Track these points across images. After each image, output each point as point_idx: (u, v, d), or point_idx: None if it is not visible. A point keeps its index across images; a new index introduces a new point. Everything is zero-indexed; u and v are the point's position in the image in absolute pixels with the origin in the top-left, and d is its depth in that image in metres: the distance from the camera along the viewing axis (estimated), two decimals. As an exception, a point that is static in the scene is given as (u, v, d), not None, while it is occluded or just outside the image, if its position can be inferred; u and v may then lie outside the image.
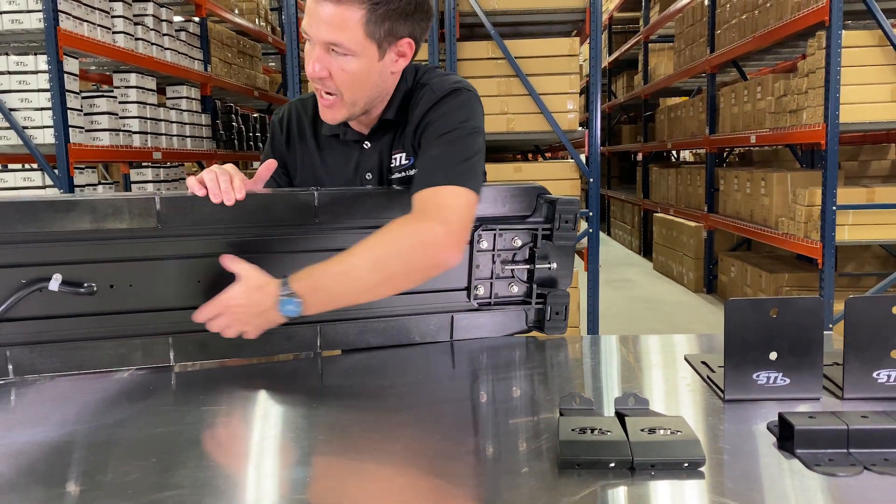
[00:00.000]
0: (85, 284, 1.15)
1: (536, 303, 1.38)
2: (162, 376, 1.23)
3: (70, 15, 4.45)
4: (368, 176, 1.39)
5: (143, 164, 5.70)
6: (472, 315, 1.38)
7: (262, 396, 1.16)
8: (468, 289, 1.36)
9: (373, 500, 0.80)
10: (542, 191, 1.36)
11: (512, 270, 1.37)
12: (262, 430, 1.02)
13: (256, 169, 1.32)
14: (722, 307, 5.99)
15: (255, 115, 7.89)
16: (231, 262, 1.15)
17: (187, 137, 6.04)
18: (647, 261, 8.37)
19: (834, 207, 4.19)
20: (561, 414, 0.96)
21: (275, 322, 1.15)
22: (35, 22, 4.42)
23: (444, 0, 4.33)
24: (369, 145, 1.40)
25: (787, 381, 1.01)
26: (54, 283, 1.13)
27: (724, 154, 6.77)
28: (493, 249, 1.34)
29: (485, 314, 1.38)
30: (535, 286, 1.37)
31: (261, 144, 7.90)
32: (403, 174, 1.36)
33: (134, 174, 5.55)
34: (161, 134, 5.59)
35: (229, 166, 1.20)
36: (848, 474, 0.79)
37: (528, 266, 1.36)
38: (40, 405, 1.11)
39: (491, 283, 1.37)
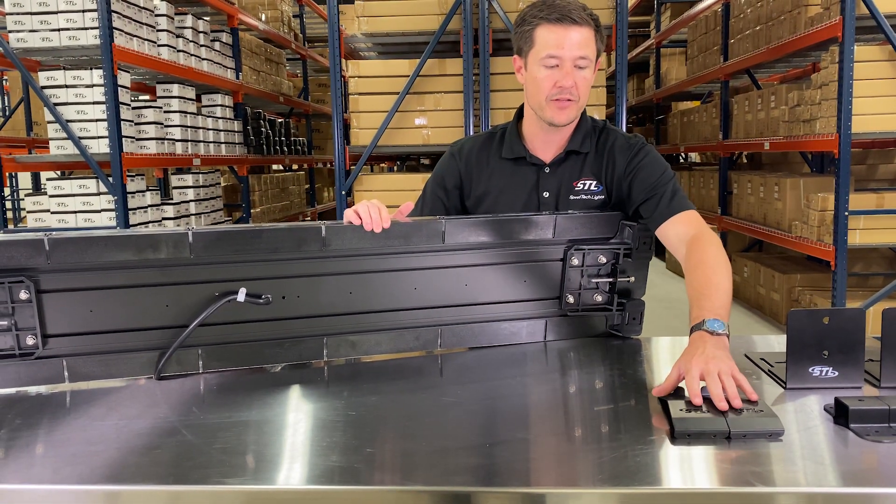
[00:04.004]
0: (263, 296, 1.43)
1: (617, 310, 1.65)
2: (312, 371, 1.50)
3: (122, 31, 4.72)
4: (546, 194, 1.74)
5: (184, 170, 5.99)
6: (563, 320, 1.65)
7: (401, 384, 1.43)
8: (560, 298, 1.64)
9: (544, 463, 1.07)
10: (623, 217, 1.63)
11: (597, 283, 1.64)
12: (409, 410, 1.29)
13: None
14: (735, 306, 6.24)
15: (280, 121, 8.16)
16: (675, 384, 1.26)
17: (222, 144, 6.31)
18: (659, 260, 8.64)
19: (846, 213, 4.45)
20: (660, 399, 1.23)
21: (725, 344, 1.28)
22: (91, 38, 4.68)
23: (478, 17, 4.60)
24: (549, 170, 1.75)
25: (836, 373, 1.29)
26: (241, 296, 1.41)
27: (734, 157, 7.04)
28: (582, 265, 1.62)
29: (573, 319, 1.66)
30: (615, 296, 1.64)
31: (286, 148, 8.19)
32: (588, 197, 1.72)
33: (175, 180, 5.82)
34: (199, 141, 5.86)
35: (376, 201, 1.48)
36: (891, 441, 1.07)
37: (610, 279, 1.64)
38: (224, 394, 1.38)
39: (579, 294, 1.64)
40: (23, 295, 1.34)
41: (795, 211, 5.23)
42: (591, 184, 1.72)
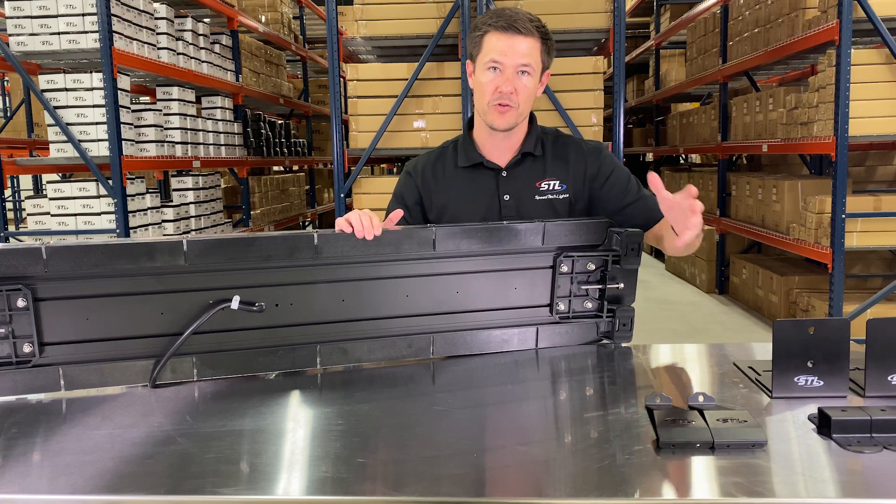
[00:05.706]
0: (257, 304, 1.45)
1: (607, 317, 1.67)
2: (306, 379, 1.52)
3: (122, 34, 4.74)
4: (506, 197, 1.80)
5: (183, 172, 6.00)
6: (554, 327, 1.67)
7: (393, 392, 1.45)
8: (550, 305, 1.65)
9: (533, 472, 1.09)
10: (612, 224, 1.65)
11: (587, 290, 1.66)
12: (401, 419, 1.31)
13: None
14: (734, 308, 6.26)
15: (280, 122, 8.18)
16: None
17: (222, 146, 6.33)
18: (659, 262, 8.65)
19: (843, 216, 4.47)
20: (648, 409, 1.25)
21: None
22: (91, 42, 4.70)
23: (476, 21, 4.61)
24: (506, 174, 1.82)
25: (821, 383, 1.30)
26: (235, 303, 1.43)
27: (733, 158, 7.05)
28: (572, 272, 1.63)
29: (564, 326, 1.67)
30: (605, 303, 1.66)
31: (286, 150, 8.20)
32: (554, 196, 1.80)
33: (175, 182, 5.84)
34: (199, 143, 5.88)
35: (367, 210, 1.50)
36: (871, 452, 1.09)
37: (600, 286, 1.65)
38: (218, 402, 1.40)
39: (569, 301, 1.66)
40: (20, 303, 1.36)
41: (793, 213, 5.24)
42: (554, 183, 1.80)
